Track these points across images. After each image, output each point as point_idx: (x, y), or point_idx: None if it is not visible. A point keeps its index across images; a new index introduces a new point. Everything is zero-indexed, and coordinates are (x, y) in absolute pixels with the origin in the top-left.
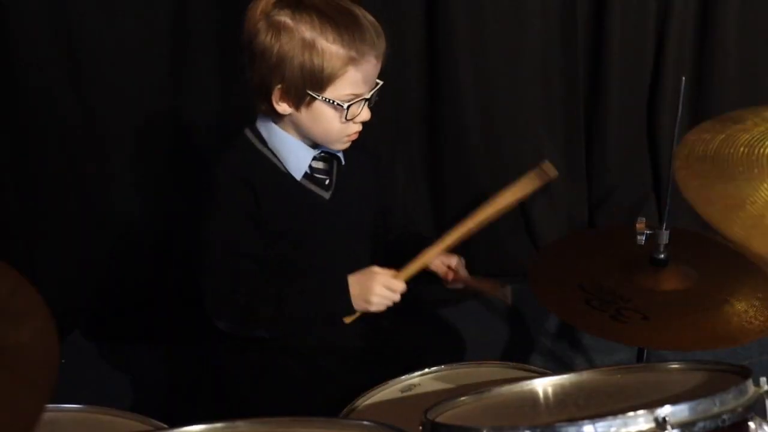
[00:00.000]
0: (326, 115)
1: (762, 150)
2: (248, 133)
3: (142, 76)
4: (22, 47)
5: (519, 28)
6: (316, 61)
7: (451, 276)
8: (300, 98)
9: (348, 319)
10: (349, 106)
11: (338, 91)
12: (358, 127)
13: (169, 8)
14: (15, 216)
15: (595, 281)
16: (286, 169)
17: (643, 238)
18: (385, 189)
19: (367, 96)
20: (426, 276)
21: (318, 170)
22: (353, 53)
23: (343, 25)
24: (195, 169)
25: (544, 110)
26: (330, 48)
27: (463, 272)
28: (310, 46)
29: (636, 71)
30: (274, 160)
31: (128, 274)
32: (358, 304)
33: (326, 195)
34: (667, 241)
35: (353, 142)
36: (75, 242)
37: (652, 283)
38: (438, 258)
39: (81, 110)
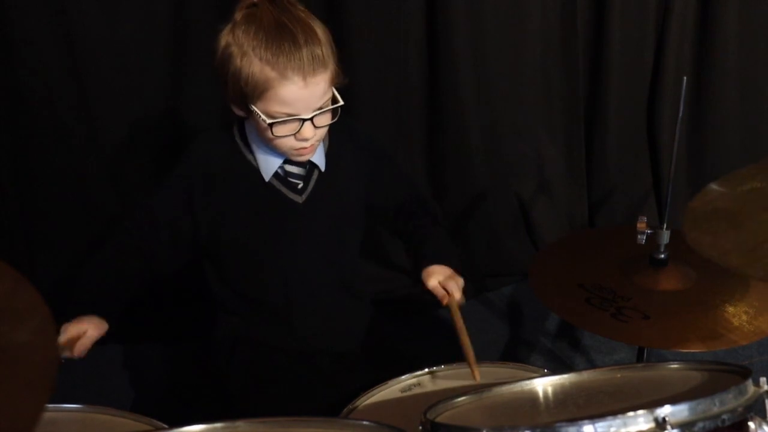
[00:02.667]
0: (261, 126)
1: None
2: (236, 125)
3: (142, 76)
4: (23, 48)
5: (519, 28)
6: (244, 71)
7: (446, 300)
8: (241, 103)
9: None
10: (271, 124)
11: (266, 106)
12: (302, 144)
13: (169, 9)
14: (15, 216)
15: (595, 281)
16: (258, 168)
17: (644, 238)
18: (396, 183)
19: (305, 117)
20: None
21: (292, 174)
22: (273, 73)
23: (273, 42)
24: None
25: (544, 110)
26: (256, 63)
27: (458, 296)
28: (242, 55)
29: (636, 71)
30: (249, 156)
31: None
32: None
33: (299, 199)
34: (667, 241)
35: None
36: (75, 242)
37: (652, 283)
38: (435, 278)
39: (81, 110)
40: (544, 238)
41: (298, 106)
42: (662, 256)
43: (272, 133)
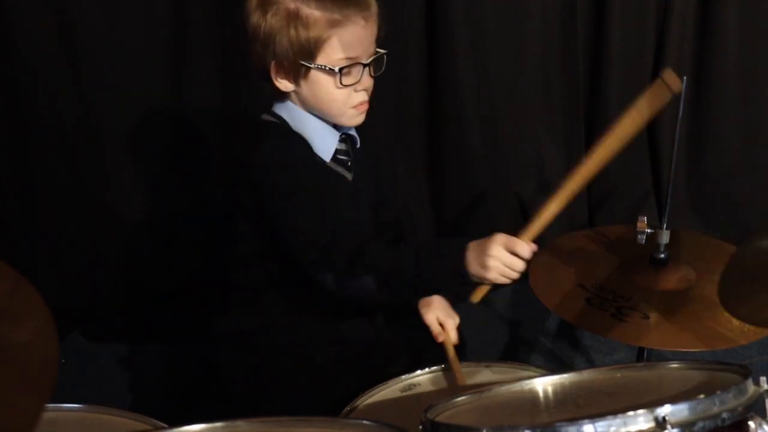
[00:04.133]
0: (323, 84)
1: None
2: (270, 118)
3: (142, 75)
4: (23, 47)
5: (519, 28)
6: (302, 30)
7: (441, 338)
8: (295, 71)
9: (475, 297)
10: (341, 69)
11: (330, 56)
12: (362, 96)
13: (169, 9)
14: (15, 216)
15: (595, 281)
16: (316, 151)
17: (643, 238)
18: (382, 184)
19: (365, 61)
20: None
21: (341, 151)
22: (336, 15)
23: None
24: (195, 168)
25: (544, 110)
26: (313, 14)
27: (453, 335)
28: (294, 16)
29: (636, 71)
30: (306, 141)
31: (128, 273)
32: (474, 269)
33: (349, 176)
34: (667, 241)
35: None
36: (75, 242)
37: (652, 283)
38: (434, 313)
39: (81, 110)
40: (544, 238)
41: (359, 49)
42: (662, 256)
43: (341, 83)
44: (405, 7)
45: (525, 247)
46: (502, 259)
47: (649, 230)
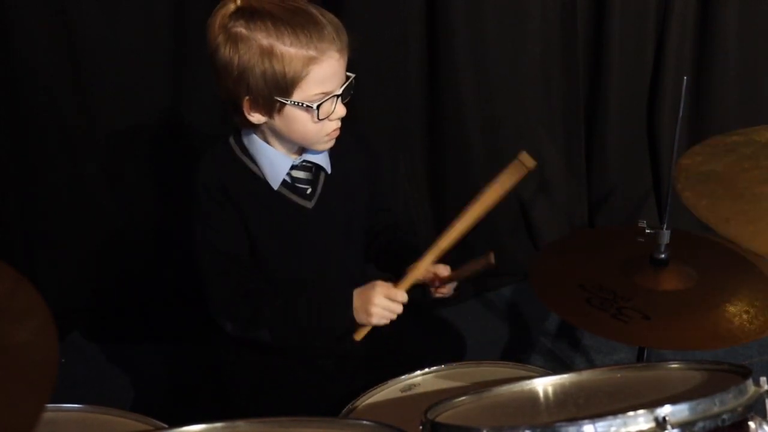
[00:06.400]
0: (299, 118)
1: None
2: (231, 140)
3: (142, 76)
4: (23, 48)
5: (519, 28)
6: (277, 66)
7: (437, 282)
8: (269, 106)
9: (357, 336)
10: (318, 106)
11: (305, 92)
12: (336, 125)
13: (169, 9)
14: (15, 216)
15: (595, 281)
16: (264, 178)
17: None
18: (380, 181)
19: (338, 92)
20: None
21: (299, 180)
22: (312, 53)
23: (298, 26)
24: (195, 168)
25: (544, 110)
26: (288, 51)
27: (449, 273)
28: (268, 52)
29: (636, 71)
30: (254, 168)
31: (128, 274)
32: (359, 316)
33: (308, 204)
34: (667, 241)
35: (340, 139)
36: (75, 242)
37: (653, 283)
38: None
39: (81, 110)
40: (544, 238)
41: (334, 82)
42: (663, 256)
43: (318, 117)
44: (405, 7)
45: (403, 295)
46: (384, 305)
47: (649, 230)
